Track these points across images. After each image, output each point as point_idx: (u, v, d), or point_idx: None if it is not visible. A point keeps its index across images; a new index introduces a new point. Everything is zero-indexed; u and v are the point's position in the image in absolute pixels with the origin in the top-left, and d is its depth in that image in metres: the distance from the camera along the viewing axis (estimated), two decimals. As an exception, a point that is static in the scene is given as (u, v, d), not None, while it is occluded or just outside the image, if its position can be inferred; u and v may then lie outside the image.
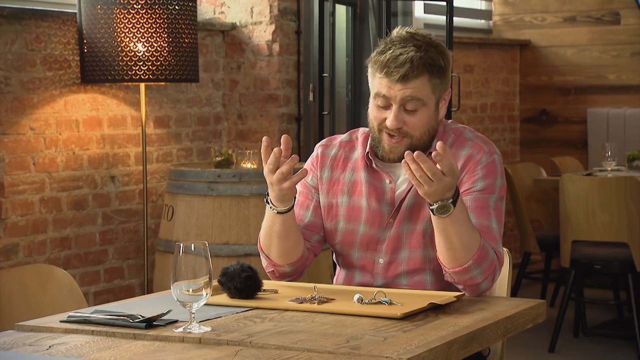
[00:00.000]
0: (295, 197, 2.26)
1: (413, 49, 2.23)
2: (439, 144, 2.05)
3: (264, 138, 2.18)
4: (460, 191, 2.27)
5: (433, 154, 2.06)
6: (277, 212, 2.24)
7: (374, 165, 2.34)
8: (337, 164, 2.40)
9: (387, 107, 2.26)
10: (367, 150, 2.35)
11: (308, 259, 2.38)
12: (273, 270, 2.36)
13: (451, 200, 2.10)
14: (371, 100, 2.30)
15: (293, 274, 2.36)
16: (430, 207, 2.12)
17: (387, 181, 2.33)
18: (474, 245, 2.15)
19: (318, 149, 2.44)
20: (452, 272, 2.18)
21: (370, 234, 2.33)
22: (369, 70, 2.29)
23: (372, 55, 2.28)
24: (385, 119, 2.26)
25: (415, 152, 2.07)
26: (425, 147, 2.30)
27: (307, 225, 2.39)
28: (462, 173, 2.29)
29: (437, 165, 2.06)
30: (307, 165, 2.44)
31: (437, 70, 2.26)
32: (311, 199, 2.40)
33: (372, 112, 2.30)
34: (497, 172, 2.30)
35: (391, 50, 2.24)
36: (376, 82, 2.27)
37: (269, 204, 2.25)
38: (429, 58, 2.24)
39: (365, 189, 2.34)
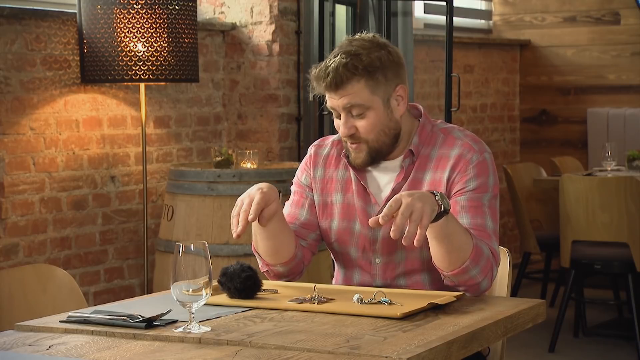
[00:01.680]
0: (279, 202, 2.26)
1: (341, 57, 2.23)
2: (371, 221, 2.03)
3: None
4: (453, 191, 2.27)
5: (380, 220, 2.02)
6: None
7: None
8: (330, 161, 2.41)
9: (338, 117, 2.29)
10: (344, 151, 2.37)
11: (304, 258, 2.38)
12: (267, 270, 2.36)
13: (437, 194, 2.09)
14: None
15: (288, 274, 2.36)
16: (440, 212, 2.08)
17: (369, 181, 2.34)
18: (468, 244, 2.15)
19: (311, 149, 2.46)
20: (451, 274, 2.17)
21: (364, 233, 2.33)
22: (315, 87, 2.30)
23: (309, 71, 2.31)
24: None
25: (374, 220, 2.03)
26: (387, 149, 2.30)
27: (302, 224, 2.39)
28: (453, 173, 2.28)
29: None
30: (301, 166, 2.46)
31: (371, 72, 2.23)
32: (306, 197, 2.41)
33: (335, 123, 2.33)
34: (489, 171, 2.29)
35: (323, 64, 2.25)
36: (324, 96, 2.29)
37: None
38: (357, 62, 2.22)
39: (355, 188, 2.35)
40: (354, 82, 2.23)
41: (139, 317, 1.92)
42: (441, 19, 5.41)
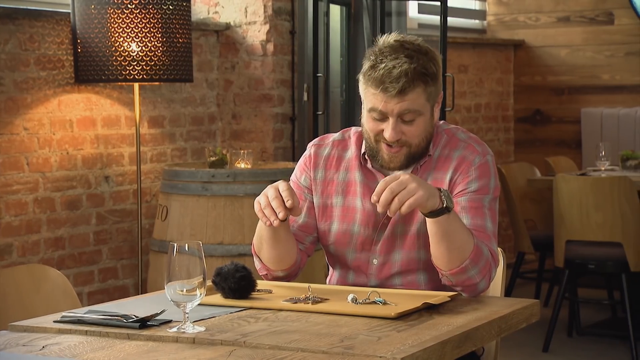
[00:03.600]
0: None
1: (406, 60, 2.20)
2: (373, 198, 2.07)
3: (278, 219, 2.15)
4: (455, 192, 2.28)
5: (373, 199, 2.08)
6: None
7: (369, 165, 2.34)
8: (331, 163, 2.40)
9: (383, 119, 2.24)
10: (363, 151, 2.35)
11: (302, 261, 2.38)
12: (266, 274, 2.36)
13: (443, 191, 2.11)
14: (365, 112, 2.27)
15: (286, 278, 2.37)
16: (441, 209, 2.09)
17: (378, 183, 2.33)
18: (469, 244, 2.15)
19: (311, 148, 2.43)
20: (450, 274, 2.17)
21: (365, 235, 2.33)
22: (361, 83, 2.26)
23: (364, 69, 2.24)
24: (382, 130, 2.24)
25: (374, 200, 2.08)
26: (422, 152, 2.30)
27: (300, 227, 2.38)
28: (455, 174, 2.29)
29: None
30: (300, 164, 2.44)
31: (431, 78, 2.23)
32: (304, 199, 2.39)
33: (368, 124, 2.27)
34: (490, 173, 2.30)
35: (384, 64, 2.20)
36: (370, 96, 2.23)
37: None
38: (422, 67, 2.21)
39: (360, 190, 2.34)
40: (418, 88, 2.21)
41: (133, 317, 1.92)
42: (435, 19, 5.41)
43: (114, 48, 3.79)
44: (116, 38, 3.79)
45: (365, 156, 2.34)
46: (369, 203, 2.32)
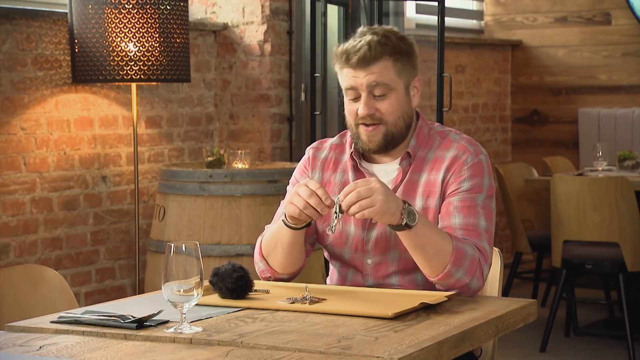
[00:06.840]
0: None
1: (371, 36, 2.26)
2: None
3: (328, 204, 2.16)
4: (448, 192, 2.28)
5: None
6: (289, 227, 2.25)
7: (359, 165, 2.35)
8: (328, 165, 2.41)
9: (357, 98, 2.28)
10: (351, 150, 2.36)
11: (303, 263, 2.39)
12: (269, 276, 2.36)
13: (406, 204, 2.12)
14: (345, 98, 2.32)
15: (288, 280, 2.38)
16: (401, 225, 2.12)
17: None
18: (446, 250, 2.16)
19: (309, 151, 2.45)
20: (437, 280, 2.19)
21: (358, 235, 2.34)
22: (336, 67, 2.31)
23: (334, 50, 2.31)
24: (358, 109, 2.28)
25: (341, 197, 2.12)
26: (402, 135, 2.31)
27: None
28: (448, 174, 2.29)
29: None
30: (299, 167, 2.45)
31: (399, 53, 2.27)
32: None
33: (347, 108, 2.32)
34: (484, 172, 2.30)
35: (350, 42, 2.28)
36: (342, 75, 2.29)
37: (284, 217, 2.24)
38: (388, 41, 2.26)
39: None
40: (384, 60, 2.25)
41: (130, 317, 1.92)
42: (433, 19, 5.41)
43: (111, 48, 3.79)
44: (113, 38, 3.78)
45: (354, 156, 2.35)
46: None
